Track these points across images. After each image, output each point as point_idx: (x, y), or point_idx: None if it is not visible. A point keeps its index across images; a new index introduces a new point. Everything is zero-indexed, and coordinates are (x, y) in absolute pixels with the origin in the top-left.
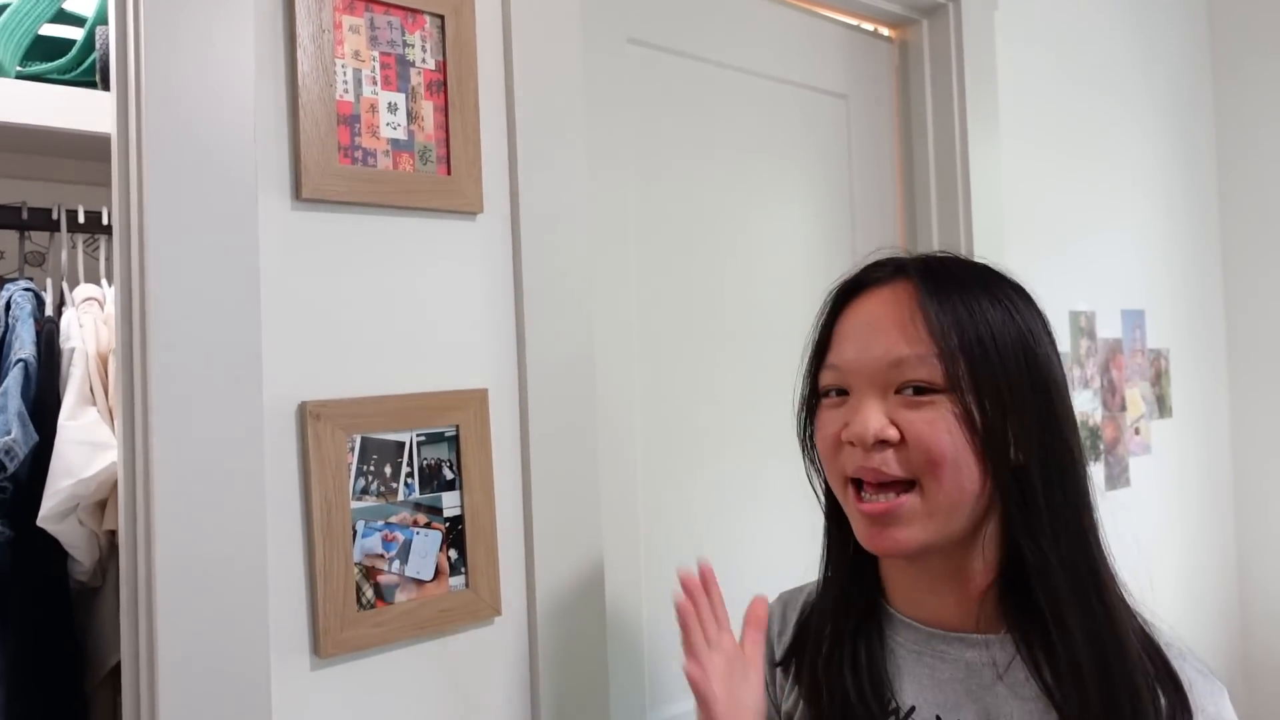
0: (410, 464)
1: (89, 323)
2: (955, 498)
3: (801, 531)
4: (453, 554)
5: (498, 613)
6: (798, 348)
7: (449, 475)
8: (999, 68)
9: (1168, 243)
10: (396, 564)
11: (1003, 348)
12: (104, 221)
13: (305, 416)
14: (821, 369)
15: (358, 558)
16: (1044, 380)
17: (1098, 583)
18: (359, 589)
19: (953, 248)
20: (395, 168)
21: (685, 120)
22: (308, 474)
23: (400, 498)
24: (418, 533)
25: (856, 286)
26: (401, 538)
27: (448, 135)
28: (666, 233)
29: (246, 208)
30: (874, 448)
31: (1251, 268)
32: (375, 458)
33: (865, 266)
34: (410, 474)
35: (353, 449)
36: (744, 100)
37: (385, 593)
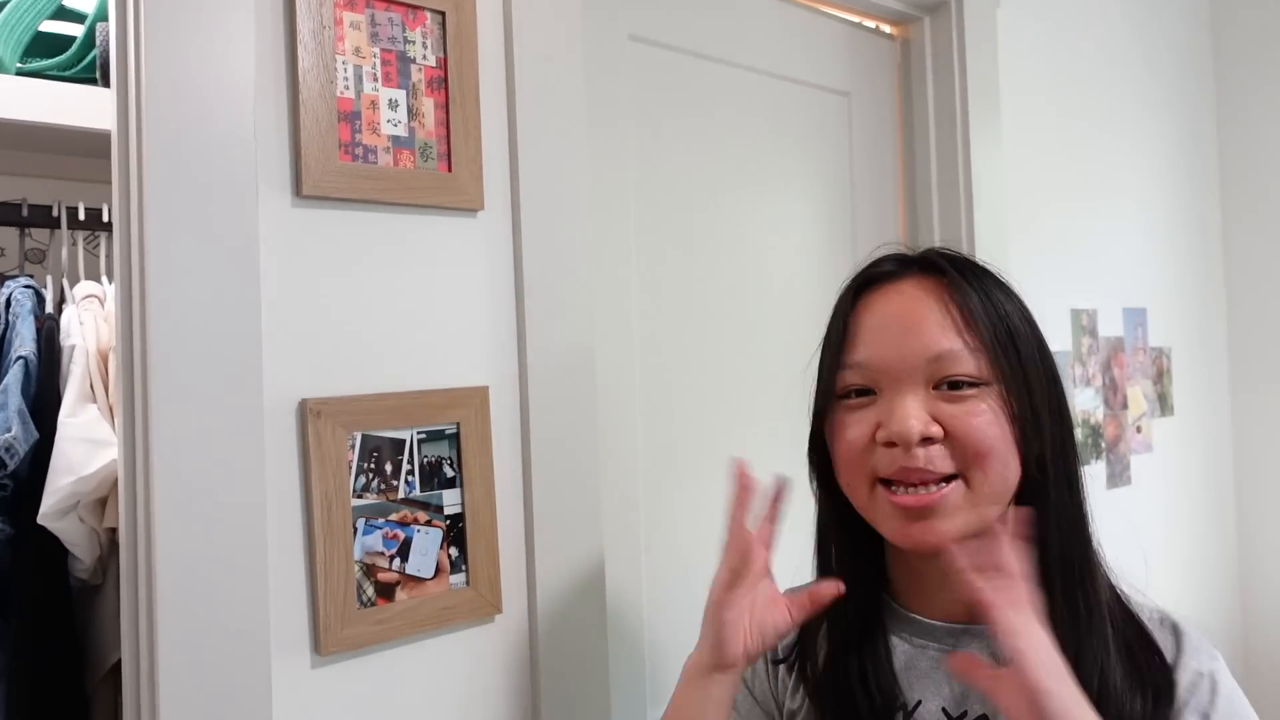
0: (411, 461)
1: (89, 320)
2: (999, 489)
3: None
4: (453, 552)
5: (498, 610)
6: (799, 344)
7: (449, 473)
8: (1001, 65)
9: (1170, 241)
10: (397, 562)
11: (1025, 339)
12: (104, 218)
13: (305, 414)
14: (840, 369)
15: (358, 555)
16: (1054, 371)
17: (1090, 570)
18: (359, 587)
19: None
20: (396, 164)
21: (686, 117)
22: (308, 471)
23: (401, 495)
24: (418, 530)
25: (867, 283)
26: (402, 535)
27: (448, 132)
28: (667, 230)
29: (247, 205)
30: (918, 445)
31: (1253, 266)
32: (376, 455)
33: (872, 262)
34: (411, 471)
35: (353, 446)
36: (746, 97)
37: (386, 590)
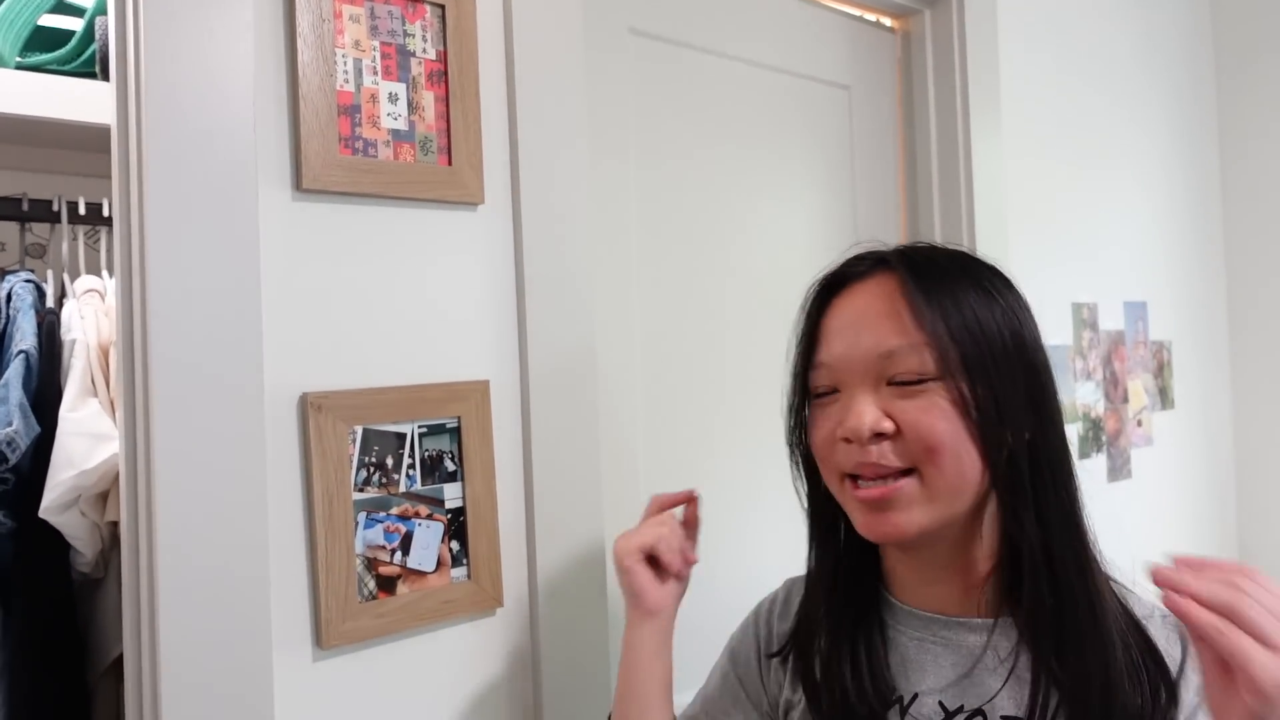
0: (412, 455)
1: (90, 314)
2: (956, 484)
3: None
4: (454, 545)
5: (499, 604)
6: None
7: (451, 467)
8: (1001, 59)
9: (1170, 234)
10: (398, 555)
11: (990, 332)
12: (105, 213)
13: (306, 408)
14: (811, 369)
15: (359, 549)
16: (1031, 362)
17: (1083, 562)
18: (361, 580)
19: (955, 239)
20: (396, 158)
21: (687, 111)
22: (309, 465)
23: (402, 489)
24: (419, 524)
25: (838, 282)
26: (403, 529)
27: (449, 126)
28: (668, 223)
29: (247, 199)
30: (870, 441)
31: (1254, 260)
32: (377, 449)
33: (844, 261)
34: (412, 465)
35: (354, 440)
36: (746, 91)
37: (387, 584)
